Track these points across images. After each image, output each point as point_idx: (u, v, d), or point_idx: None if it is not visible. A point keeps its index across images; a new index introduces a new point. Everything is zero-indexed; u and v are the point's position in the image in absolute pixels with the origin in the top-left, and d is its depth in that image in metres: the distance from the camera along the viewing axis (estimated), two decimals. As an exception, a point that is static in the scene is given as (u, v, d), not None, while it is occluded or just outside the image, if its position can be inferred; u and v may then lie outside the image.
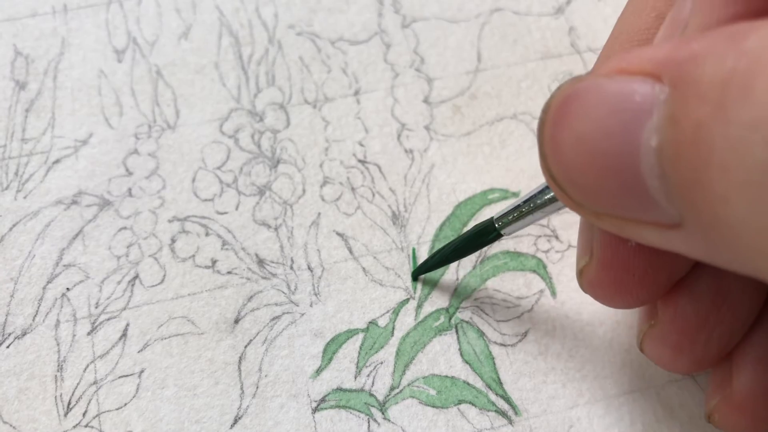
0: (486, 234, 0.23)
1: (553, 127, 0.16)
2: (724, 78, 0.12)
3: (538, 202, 0.21)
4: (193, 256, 0.26)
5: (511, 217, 0.22)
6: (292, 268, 0.26)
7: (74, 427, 0.24)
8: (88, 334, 0.25)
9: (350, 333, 0.25)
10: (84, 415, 0.24)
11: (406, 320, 0.26)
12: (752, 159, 0.12)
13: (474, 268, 0.26)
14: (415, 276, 0.26)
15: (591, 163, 0.15)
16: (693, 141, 0.13)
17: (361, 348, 0.25)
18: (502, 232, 0.23)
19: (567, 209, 0.18)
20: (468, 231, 0.25)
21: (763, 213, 0.12)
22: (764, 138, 0.12)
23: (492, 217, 0.23)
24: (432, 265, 0.26)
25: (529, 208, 0.21)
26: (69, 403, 0.24)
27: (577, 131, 0.15)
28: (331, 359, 0.25)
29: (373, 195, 0.28)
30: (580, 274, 0.21)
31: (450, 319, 0.26)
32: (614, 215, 0.16)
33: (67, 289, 0.25)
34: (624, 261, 0.19)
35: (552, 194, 0.20)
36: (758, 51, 0.12)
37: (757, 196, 0.12)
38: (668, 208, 0.14)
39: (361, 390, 0.25)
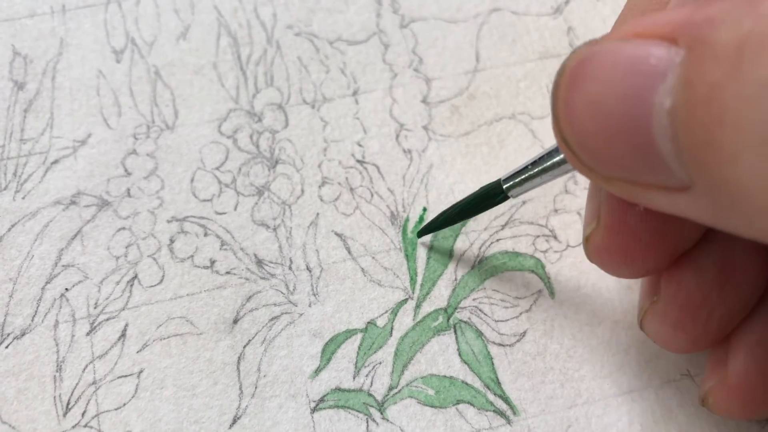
0: (493, 196, 0.23)
1: (567, 89, 0.16)
2: (740, 40, 0.13)
3: (547, 164, 0.20)
4: (192, 256, 0.26)
5: (518, 180, 0.22)
6: (290, 268, 0.26)
7: (73, 427, 0.24)
8: (87, 334, 0.25)
9: (349, 333, 0.25)
10: (83, 415, 0.24)
11: (405, 320, 0.26)
12: (763, 116, 0.12)
13: (472, 268, 0.27)
14: (420, 234, 0.27)
15: (603, 125, 0.15)
16: (707, 102, 0.13)
17: (359, 348, 0.25)
18: (509, 194, 0.23)
19: (574, 172, 0.17)
20: (475, 192, 0.25)
21: None
22: None
23: (499, 179, 0.23)
24: (438, 225, 0.26)
25: (537, 171, 0.21)
26: (68, 404, 0.24)
27: (590, 94, 0.15)
28: (329, 359, 0.25)
29: (372, 195, 0.28)
30: (587, 241, 0.21)
31: (448, 319, 0.26)
32: (624, 179, 0.16)
33: (66, 289, 0.26)
34: (631, 227, 0.19)
35: (560, 157, 0.20)
36: None
37: (766, 154, 0.12)
38: (678, 170, 0.14)
39: (360, 390, 0.25)
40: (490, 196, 0.24)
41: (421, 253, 0.27)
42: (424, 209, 0.27)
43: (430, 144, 0.29)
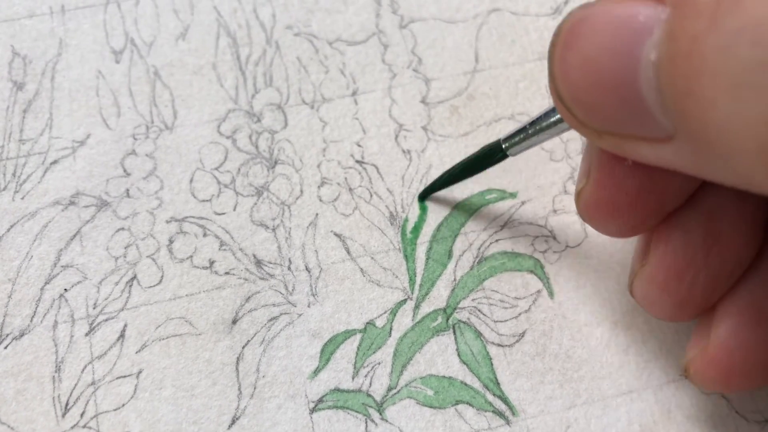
0: (492, 154, 0.25)
1: (563, 48, 0.17)
2: None
3: (544, 124, 0.22)
4: (191, 256, 0.26)
5: (517, 138, 0.23)
6: (289, 268, 0.26)
7: (72, 427, 0.24)
8: (86, 334, 0.25)
9: (348, 333, 0.25)
10: (82, 415, 0.24)
11: (404, 321, 0.26)
12: (738, 60, 0.13)
13: (471, 268, 0.27)
14: (422, 196, 0.27)
15: (595, 80, 0.16)
16: (688, 53, 0.14)
17: (358, 348, 0.25)
18: (508, 153, 0.24)
19: (569, 131, 0.19)
20: (476, 152, 0.26)
21: (746, 109, 0.13)
22: (750, 39, 0.13)
23: (499, 138, 0.24)
24: (440, 185, 0.27)
25: (534, 130, 0.22)
26: (67, 404, 0.24)
27: (584, 51, 0.17)
28: (328, 360, 0.25)
29: (371, 195, 0.28)
30: (578, 197, 0.21)
31: (447, 319, 0.26)
32: (614, 132, 0.17)
33: (65, 289, 0.26)
34: (618, 180, 0.20)
35: (557, 117, 0.21)
36: None
37: (741, 94, 0.13)
38: (663, 120, 0.16)
39: (359, 390, 0.25)
40: (490, 155, 0.25)
41: (420, 254, 0.27)
42: (423, 206, 0.27)
43: (429, 144, 0.29)
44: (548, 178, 0.28)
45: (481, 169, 0.26)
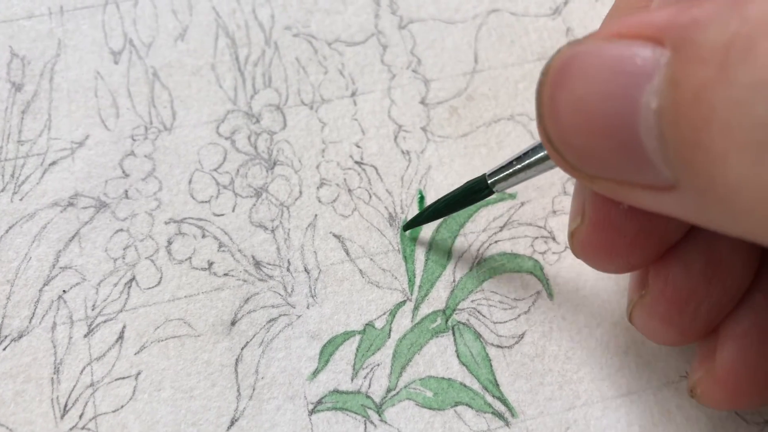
0: (478, 191, 0.24)
1: (552, 88, 0.16)
2: (726, 42, 0.13)
3: (531, 160, 0.21)
4: (190, 258, 0.26)
5: (503, 174, 0.22)
6: (288, 270, 0.26)
7: (71, 429, 0.24)
8: (85, 336, 0.25)
9: (347, 335, 0.25)
10: (80, 417, 0.24)
11: (403, 322, 0.26)
12: (754, 118, 0.12)
13: (471, 269, 0.26)
14: (406, 228, 0.27)
15: (588, 125, 0.15)
16: (694, 102, 0.13)
17: (357, 350, 0.25)
18: (495, 188, 0.23)
19: (559, 169, 0.18)
20: (460, 186, 0.25)
21: (762, 172, 0.12)
22: (766, 98, 0.12)
23: (484, 174, 0.23)
24: (424, 219, 0.26)
25: (522, 166, 0.21)
26: (65, 406, 0.24)
27: (575, 93, 0.16)
28: (327, 361, 0.25)
29: (370, 196, 0.28)
30: (572, 237, 0.21)
31: (447, 320, 0.26)
32: (609, 178, 0.16)
33: (64, 291, 0.25)
34: (615, 223, 0.19)
35: (545, 153, 0.20)
36: (760, 17, 0.13)
37: (758, 155, 0.12)
38: (664, 170, 0.15)
39: (358, 392, 0.25)
40: (475, 191, 0.24)
41: (420, 255, 0.27)
42: (421, 197, 0.27)
43: (428, 145, 0.28)
44: (547, 179, 0.28)
45: (466, 204, 0.25)
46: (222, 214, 0.27)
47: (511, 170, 0.22)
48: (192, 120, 0.28)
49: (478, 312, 0.26)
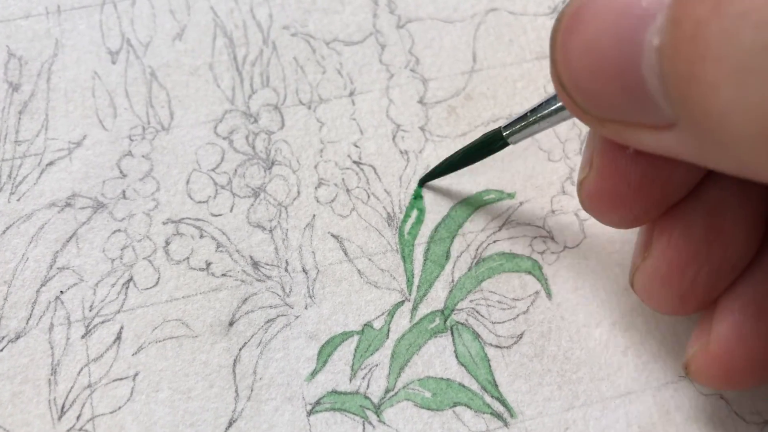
0: (493, 142, 0.25)
1: (565, 34, 0.17)
2: None
3: (545, 112, 0.22)
4: (188, 258, 0.26)
5: (517, 126, 0.23)
6: (286, 270, 0.26)
7: (68, 430, 0.24)
8: (82, 337, 0.25)
9: (345, 335, 0.25)
10: (78, 418, 0.24)
11: (402, 322, 0.26)
12: (741, 44, 0.13)
13: (469, 269, 0.26)
14: (422, 182, 0.27)
15: (597, 67, 0.16)
16: (692, 38, 0.14)
17: (356, 350, 0.25)
18: (509, 140, 0.24)
19: (569, 129, 0.18)
20: (476, 139, 0.26)
21: (748, 93, 0.13)
22: (754, 22, 0.13)
23: (500, 126, 0.24)
24: (440, 172, 0.27)
25: (535, 118, 0.22)
26: (63, 407, 0.24)
27: (586, 37, 0.16)
28: (326, 362, 0.25)
29: (368, 196, 0.27)
30: (580, 187, 0.21)
31: (445, 321, 0.26)
32: (615, 120, 0.17)
33: (61, 292, 0.25)
34: (621, 170, 0.20)
35: (558, 104, 0.21)
36: None
37: (744, 79, 0.13)
38: (665, 107, 0.15)
39: (356, 393, 0.24)
40: (490, 143, 0.25)
41: (418, 255, 0.27)
42: (416, 196, 0.27)
43: (426, 145, 0.28)
44: (546, 179, 0.28)
45: (481, 156, 0.26)
46: (220, 215, 0.27)
47: (525, 122, 0.23)
48: (190, 120, 0.28)
49: (477, 312, 0.26)
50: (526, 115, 0.22)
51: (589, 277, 0.26)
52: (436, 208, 0.27)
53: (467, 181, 0.28)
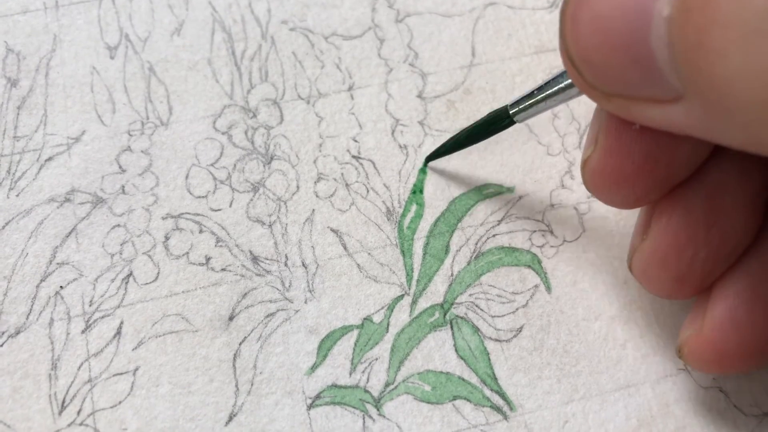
0: (500, 120, 0.24)
1: (574, 8, 0.17)
2: None
3: (552, 90, 0.22)
4: (187, 253, 0.26)
5: (524, 104, 0.23)
6: (286, 264, 0.26)
7: (69, 425, 0.24)
8: (82, 332, 0.25)
9: (345, 329, 0.25)
10: (78, 413, 0.24)
11: (401, 316, 0.26)
12: (750, 8, 0.13)
13: (469, 263, 0.26)
14: (429, 159, 0.27)
15: (606, 39, 0.16)
16: (701, 6, 0.14)
17: (355, 344, 0.25)
18: (515, 119, 0.24)
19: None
20: (482, 117, 0.26)
21: (756, 58, 0.13)
22: None
23: (506, 105, 0.24)
24: (446, 150, 0.27)
25: (542, 96, 0.22)
26: (63, 402, 0.24)
27: (595, 10, 0.16)
28: (325, 356, 0.25)
29: (368, 191, 0.27)
30: (584, 165, 0.21)
31: (445, 314, 0.26)
32: (622, 94, 0.17)
33: (61, 287, 0.25)
34: (625, 147, 0.20)
35: (566, 82, 0.21)
36: None
37: (752, 43, 0.13)
38: (672, 79, 0.16)
39: (356, 386, 0.25)
40: (497, 121, 0.25)
41: (417, 249, 0.27)
42: (420, 201, 0.27)
43: (425, 139, 0.28)
44: (545, 173, 0.28)
45: (488, 135, 0.26)
46: (219, 209, 0.27)
47: (532, 100, 0.22)
48: (188, 115, 0.28)
49: (476, 306, 0.26)
50: (532, 93, 0.22)
51: (589, 270, 0.26)
52: (435, 202, 0.27)
53: (466, 175, 0.28)
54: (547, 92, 0.22)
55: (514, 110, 0.23)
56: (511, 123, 0.24)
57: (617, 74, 0.17)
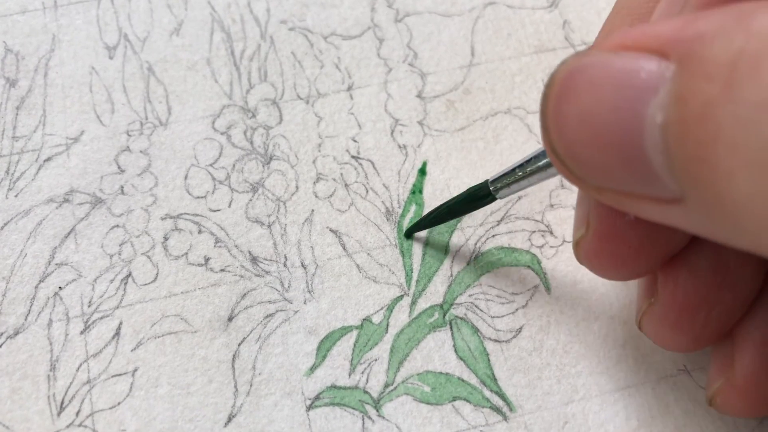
0: (481, 197, 0.24)
1: (557, 101, 0.16)
2: (732, 58, 0.13)
3: (534, 167, 0.21)
4: (186, 253, 0.26)
5: (505, 181, 0.22)
6: (285, 265, 0.26)
7: (67, 426, 0.24)
8: (81, 333, 0.25)
9: (344, 330, 0.25)
10: (77, 414, 0.24)
11: (401, 317, 0.26)
12: (760, 137, 0.12)
13: (468, 264, 0.26)
14: (408, 234, 0.27)
15: (595, 138, 0.15)
16: (700, 119, 0.13)
17: (355, 345, 0.25)
18: (497, 195, 0.23)
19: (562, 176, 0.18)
20: (463, 192, 0.25)
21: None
22: None
23: (487, 180, 0.23)
24: (426, 224, 0.26)
25: (525, 173, 0.21)
26: (62, 403, 0.24)
27: (581, 106, 0.15)
28: (325, 356, 0.25)
29: (367, 191, 0.27)
30: (577, 246, 0.21)
31: (444, 315, 0.26)
32: (615, 190, 0.16)
33: (60, 287, 0.25)
34: (620, 233, 0.19)
35: (548, 160, 0.20)
36: (765, 32, 0.12)
37: (764, 173, 0.12)
38: (670, 183, 0.15)
39: (356, 387, 0.24)
40: (477, 197, 0.24)
41: (417, 250, 0.27)
42: (420, 201, 0.27)
43: (425, 139, 0.28)
44: (545, 173, 0.28)
45: (468, 210, 0.25)
46: (218, 210, 0.27)
47: (513, 178, 0.22)
48: (187, 115, 0.28)
49: (476, 306, 0.26)
50: (514, 170, 0.21)
51: (588, 271, 0.26)
52: (435, 202, 0.27)
53: (465, 175, 0.28)
54: (529, 169, 0.21)
55: (494, 186, 0.23)
56: (493, 199, 0.23)
57: (608, 171, 0.16)
